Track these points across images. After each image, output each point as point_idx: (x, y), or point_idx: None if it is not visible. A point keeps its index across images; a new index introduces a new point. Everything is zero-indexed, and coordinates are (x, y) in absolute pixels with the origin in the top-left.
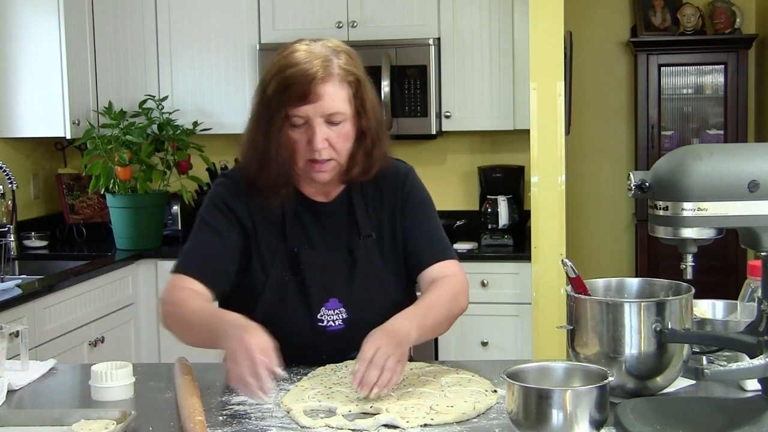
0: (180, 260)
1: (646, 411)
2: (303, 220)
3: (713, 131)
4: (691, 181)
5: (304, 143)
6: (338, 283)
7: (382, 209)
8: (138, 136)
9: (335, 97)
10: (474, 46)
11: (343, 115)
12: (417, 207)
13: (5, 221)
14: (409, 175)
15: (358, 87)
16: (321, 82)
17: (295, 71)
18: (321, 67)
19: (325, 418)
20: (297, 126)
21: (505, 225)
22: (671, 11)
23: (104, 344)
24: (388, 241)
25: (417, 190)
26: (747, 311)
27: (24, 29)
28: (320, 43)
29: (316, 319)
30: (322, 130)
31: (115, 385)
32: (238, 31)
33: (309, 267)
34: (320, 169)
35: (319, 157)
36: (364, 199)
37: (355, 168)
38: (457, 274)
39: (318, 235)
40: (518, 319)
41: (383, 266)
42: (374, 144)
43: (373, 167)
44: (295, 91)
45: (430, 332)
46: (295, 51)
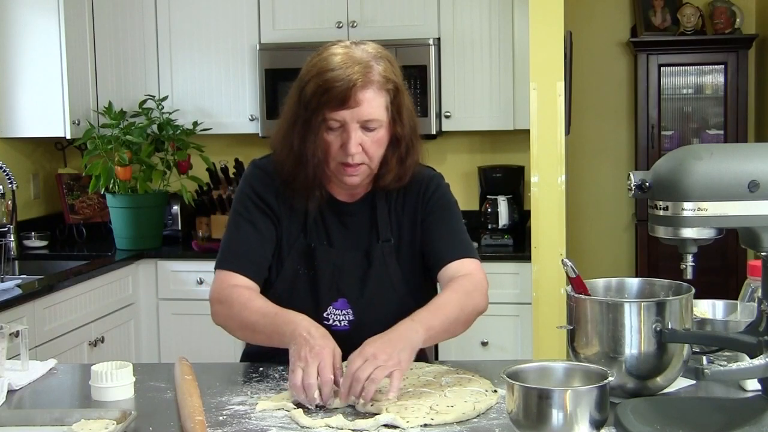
0: (222, 256)
1: (646, 411)
2: (325, 217)
3: (713, 131)
4: (691, 181)
5: (337, 146)
6: (350, 284)
7: (403, 215)
8: (138, 136)
9: (373, 104)
10: (474, 46)
11: (380, 122)
12: (439, 208)
13: (5, 221)
14: (434, 180)
15: (396, 94)
16: (360, 88)
17: (334, 75)
18: (361, 74)
19: (325, 417)
20: (332, 129)
21: (505, 225)
22: (671, 11)
23: (104, 344)
24: (407, 248)
25: (441, 194)
26: (747, 311)
27: (24, 29)
28: (361, 48)
29: (322, 317)
30: (357, 135)
31: (115, 385)
32: (238, 31)
33: (323, 264)
34: (351, 173)
35: (352, 161)
36: (387, 203)
37: (389, 175)
38: (475, 273)
39: (338, 234)
40: (518, 319)
41: (399, 272)
42: (408, 151)
43: (407, 174)
44: (334, 95)
45: (443, 333)
46: (335, 54)
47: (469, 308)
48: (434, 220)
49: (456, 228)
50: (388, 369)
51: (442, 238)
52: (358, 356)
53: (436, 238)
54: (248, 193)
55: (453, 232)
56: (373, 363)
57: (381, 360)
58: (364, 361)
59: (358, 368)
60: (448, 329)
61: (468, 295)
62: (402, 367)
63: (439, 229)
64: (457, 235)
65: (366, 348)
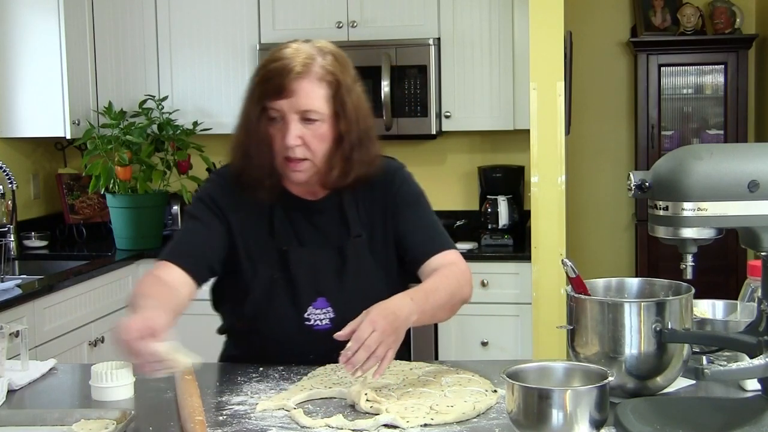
0: (164, 250)
1: (646, 411)
2: (292, 218)
3: (713, 131)
4: (691, 181)
5: (279, 139)
6: (327, 283)
7: (372, 209)
8: (138, 136)
9: (311, 94)
10: (474, 46)
11: (319, 114)
12: (409, 203)
13: (5, 221)
14: (398, 172)
15: (338, 89)
16: (297, 77)
17: (275, 65)
18: (301, 64)
19: (325, 418)
20: (274, 120)
21: (505, 225)
22: (671, 11)
23: (104, 344)
24: (379, 241)
25: (407, 186)
26: (747, 311)
27: (24, 29)
28: (310, 44)
29: (303, 318)
30: (296, 127)
31: (115, 385)
32: (238, 31)
33: (298, 265)
34: (295, 168)
35: (293, 154)
36: (354, 198)
37: (333, 171)
38: (458, 263)
39: (307, 233)
40: (518, 319)
41: (374, 266)
42: (353, 148)
43: (351, 171)
44: (273, 84)
45: (430, 317)
46: (285, 48)
47: (457, 297)
48: (407, 216)
49: (430, 221)
50: (389, 346)
51: (419, 233)
52: (368, 324)
53: (413, 234)
54: (201, 195)
55: (428, 225)
56: (379, 337)
57: (386, 334)
58: (372, 331)
59: (367, 337)
60: (435, 314)
61: (458, 283)
62: (396, 345)
63: (413, 225)
64: (433, 227)
65: (375, 317)
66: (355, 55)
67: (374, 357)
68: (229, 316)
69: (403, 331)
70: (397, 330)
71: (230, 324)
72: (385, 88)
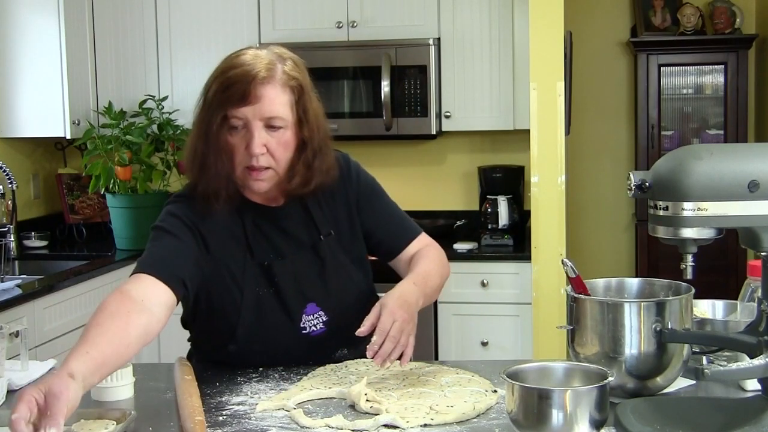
0: (137, 263)
1: (646, 411)
2: (263, 229)
3: (713, 131)
4: (691, 181)
5: (242, 149)
6: (312, 287)
7: (335, 205)
8: (138, 136)
9: (275, 100)
10: (474, 46)
11: (284, 120)
12: (370, 195)
13: (5, 221)
14: (351, 165)
15: (301, 94)
16: (261, 83)
17: (236, 72)
18: (263, 69)
19: (325, 418)
20: (236, 129)
21: (505, 225)
22: (671, 11)
23: None
24: (347, 236)
25: (364, 178)
26: (747, 311)
27: (24, 29)
28: (267, 49)
29: (299, 327)
30: (260, 135)
31: (115, 385)
32: (238, 31)
33: (282, 278)
34: (257, 177)
35: (257, 163)
36: (315, 198)
37: (295, 179)
38: (432, 244)
39: (282, 242)
40: (518, 319)
41: (348, 261)
42: (315, 155)
43: (313, 179)
44: (235, 91)
45: (429, 299)
46: (241, 54)
47: (444, 276)
48: (372, 209)
49: (394, 209)
50: (409, 333)
51: (390, 224)
52: (388, 315)
53: (384, 226)
54: (170, 210)
55: (394, 215)
56: (401, 326)
57: (406, 323)
58: (393, 321)
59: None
60: (431, 296)
61: (442, 264)
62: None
63: (381, 217)
64: (399, 216)
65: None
66: (355, 55)
67: (400, 346)
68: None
69: (416, 316)
70: (413, 317)
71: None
72: (385, 88)
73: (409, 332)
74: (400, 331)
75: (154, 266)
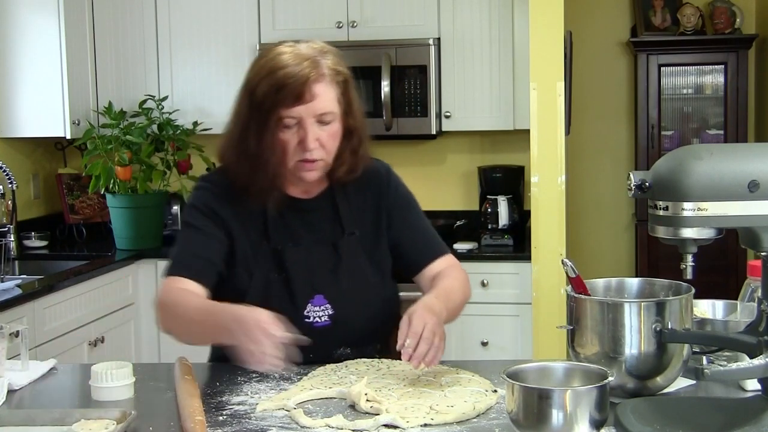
0: (170, 264)
1: (646, 411)
2: (286, 218)
3: (713, 131)
4: (691, 181)
5: (294, 144)
6: (323, 280)
7: (365, 208)
8: (138, 136)
9: (326, 97)
10: (474, 46)
11: (334, 114)
12: (404, 207)
13: (5, 221)
14: (390, 174)
15: (346, 86)
16: (314, 82)
17: (286, 72)
18: (312, 68)
19: (325, 418)
20: (288, 127)
21: (505, 225)
22: (671, 11)
23: (104, 344)
24: (372, 240)
25: (401, 189)
26: (747, 311)
27: (24, 29)
28: (305, 45)
29: (302, 315)
30: (313, 130)
31: (115, 385)
32: (238, 31)
33: (293, 265)
34: (310, 168)
35: (311, 156)
36: (346, 197)
37: (342, 167)
38: (457, 266)
39: (302, 232)
40: (518, 319)
41: (368, 264)
42: (360, 142)
43: (359, 165)
44: (289, 92)
45: (450, 317)
46: (282, 53)
47: (466, 297)
48: (402, 220)
49: (424, 225)
50: (441, 337)
51: (416, 239)
52: (418, 320)
53: (410, 240)
54: (194, 203)
55: (423, 230)
56: (433, 329)
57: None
58: (424, 325)
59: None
60: (452, 314)
61: (465, 285)
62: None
63: (410, 230)
64: (428, 232)
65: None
66: (355, 55)
67: (434, 348)
68: None
69: (443, 324)
70: (441, 324)
71: None
72: (385, 88)
73: (441, 335)
74: (433, 332)
75: (186, 268)
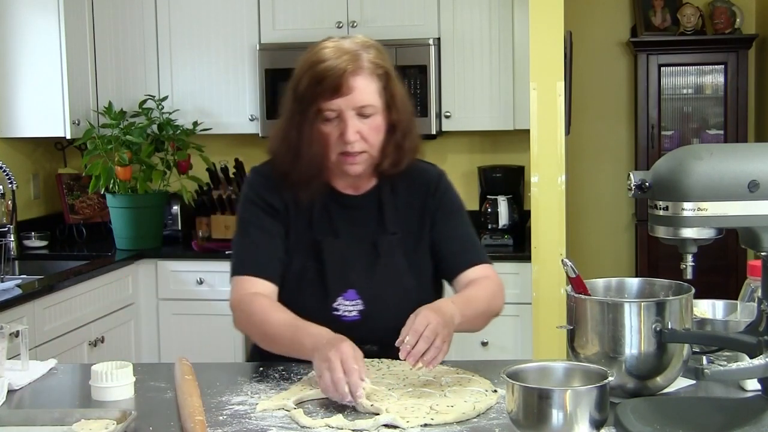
0: (236, 263)
1: (646, 411)
2: (331, 211)
3: (713, 131)
4: (691, 181)
5: (336, 136)
6: (358, 275)
7: (411, 210)
8: (138, 136)
9: (366, 90)
10: (474, 46)
11: (374, 107)
12: (450, 212)
13: (5, 221)
14: (442, 179)
15: (388, 80)
16: (351, 75)
17: (326, 66)
18: (350, 61)
19: (326, 417)
20: (329, 120)
21: (505, 225)
22: (671, 11)
23: (104, 344)
24: (414, 242)
25: (450, 195)
26: (747, 311)
27: (24, 29)
28: (349, 40)
29: (331, 308)
30: (353, 123)
31: (115, 385)
32: (238, 31)
33: (330, 256)
34: (353, 161)
35: (352, 149)
36: (393, 197)
37: (386, 160)
38: (493, 277)
39: (344, 226)
40: (518, 319)
41: (405, 265)
42: (404, 136)
43: (403, 159)
44: (327, 85)
45: (469, 324)
46: (325, 48)
47: (492, 307)
48: (446, 224)
49: (467, 232)
50: (444, 339)
51: (456, 244)
52: (422, 319)
53: (450, 244)
54: (251, 197)
55: (465, 237)
56: (435, 329)
57: (440, 328)
58: (427, 324)
59: (424, 329)
60: (473, 322)
61: (494, 296)
62: (450, 340)
63: (451, 235)
64: (470, 239)
65: (427, 314)
66: None
67: (433, 348)
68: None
69: (451, 329)
70: (448, 325)
71: None
72: None
73: (444, 336)
74: (434, 332)
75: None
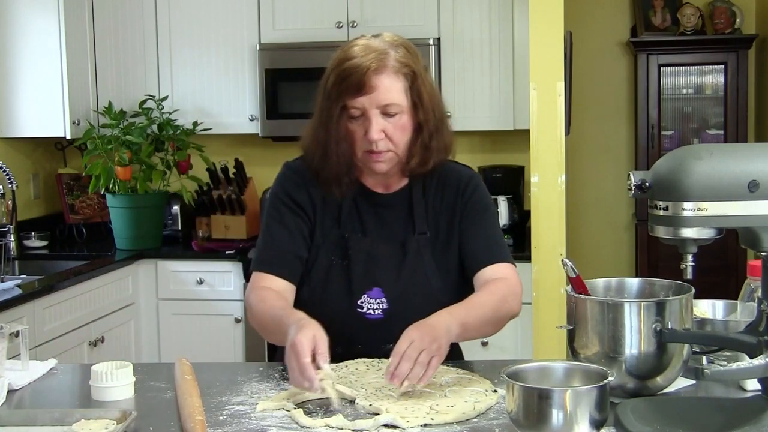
0: (256, 259)
1: (646, 411)
2: (360, 208)
3: (713, 131)
4: (691, 181)
5: (361, 134)
6: (384, 274)
7: (441, 210)
8: (138, 136)
9: (390, 88)
10: (474, 46)
11: (399, 106)
12: (478, 211)
13: (5, 221)
14: (473, 180)
15: (414, 80)
16: (375, 73)
17: (351, 64)
18: (376, 60)
19: (325, 417)
20: (355, 118)
21: (505, 225)
22: (671, 11)
23: (104, 344)
24: (442, 243)
25: (479, 194)
26: (747, 311)
27: (24, 29)
28: (379, 38)
29: (356, 305)
30: (378, 122)
31: (115, 385)
32: (238, 31)
33: (357, 253)
34: (378, 159)
35: (376, 148)
36: (424, 197)
37: (413, 159)
38: (510, 278)
39: (372, 224)
40: (518, 319)
41: (433, 266)
42: (431, 137)
43: (431, 159)
44: (352, 82)
45: (475, 331)
46: (354, 45)
47: (502, 311)
48: (472, 222)
49: (492, 232)
50: (432, 353)
51: (479, 241)
52: (405, 339)
53: (473, 241)
54: (278, 193)
55: (490, 235)
56: (419, 346)
57: (426, 343)
58: (410, 343)
59: (406, 349)
60: (480, 329)
61: (503, 299)
62: (441, 354)
63: (476, 232)
64: (493, 238)
65: (411, 332)
66: None
67: (418, 365)
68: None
69: (445, 341)
70: (437, 339)
71: None
72: None
73: (431, 352)
74: (418, 350)
75: (270, 264)
